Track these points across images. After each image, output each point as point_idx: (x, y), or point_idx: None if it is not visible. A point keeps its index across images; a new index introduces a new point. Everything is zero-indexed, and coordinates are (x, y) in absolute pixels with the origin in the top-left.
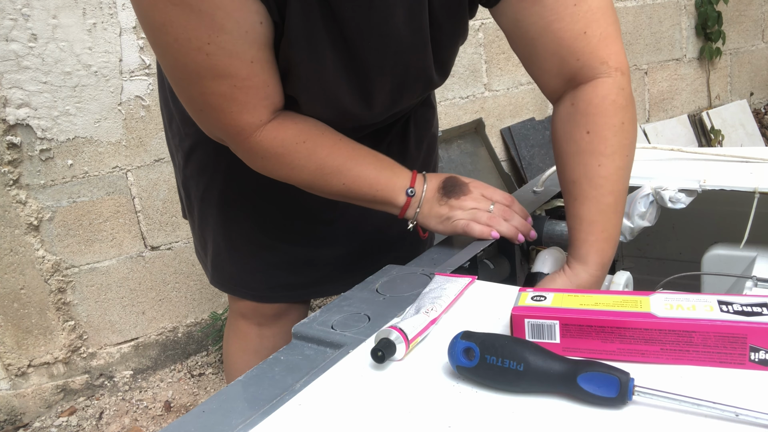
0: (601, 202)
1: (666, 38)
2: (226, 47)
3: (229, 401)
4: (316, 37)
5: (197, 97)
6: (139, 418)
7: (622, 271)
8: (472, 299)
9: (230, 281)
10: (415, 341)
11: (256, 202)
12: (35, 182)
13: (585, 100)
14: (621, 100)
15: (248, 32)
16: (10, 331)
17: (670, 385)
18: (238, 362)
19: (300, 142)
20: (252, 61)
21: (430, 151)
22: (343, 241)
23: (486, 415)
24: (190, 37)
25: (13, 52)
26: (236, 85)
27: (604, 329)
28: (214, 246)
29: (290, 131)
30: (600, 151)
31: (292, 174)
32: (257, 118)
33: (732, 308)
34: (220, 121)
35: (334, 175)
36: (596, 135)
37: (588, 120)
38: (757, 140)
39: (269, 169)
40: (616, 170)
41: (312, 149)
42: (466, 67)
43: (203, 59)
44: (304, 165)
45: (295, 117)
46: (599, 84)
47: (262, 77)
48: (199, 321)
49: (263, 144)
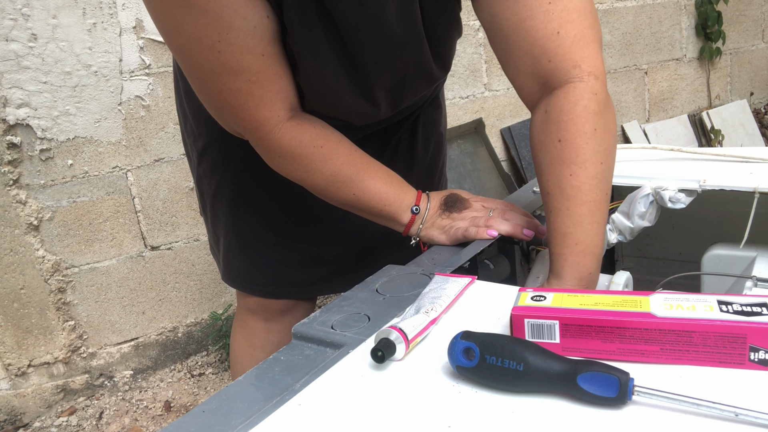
0: (575, 213)
1: (666, 38)
2: (237, 43)
3: (229, 401)
4: (314, 35)
5: (215, 95)
6: (139, 418)
7: (622, 271)
8: (472, 299)
9: (239, 277)
10: (415, 341)
11: (265, 200)
12: (35, 182)
13: (557, 107)
14: (593, 105)
15: (257, 27)
16: (10, 331)
17: (670, 385)
18: (244, 356)
19: (318, 146)
20: (263, 55)
21: (437, 150)
22: (350, 239)
23: (486, 415)
24: (201, 36)
25: (13, 52)
26: (250, 79)
27: (604, 329)
28: (225, 243)
29: (309, 134)
30: (572, 159)
31: (306, 177)
32: (275, 113)
33: (732, 308)
34: (239, 117)
35: (346, 184)
36: (567, 143)
37: (560, 128)
38: (757, 140)
39: (286, 169)
40: (589, 179)
41: (328, 155)
42: (466, 67)
43: (216, 57)
44: (319, 169)
45: (314, 120)
46: (570, 89)
47: (274, 69)
48: (199, 321)
49: (282, 142)
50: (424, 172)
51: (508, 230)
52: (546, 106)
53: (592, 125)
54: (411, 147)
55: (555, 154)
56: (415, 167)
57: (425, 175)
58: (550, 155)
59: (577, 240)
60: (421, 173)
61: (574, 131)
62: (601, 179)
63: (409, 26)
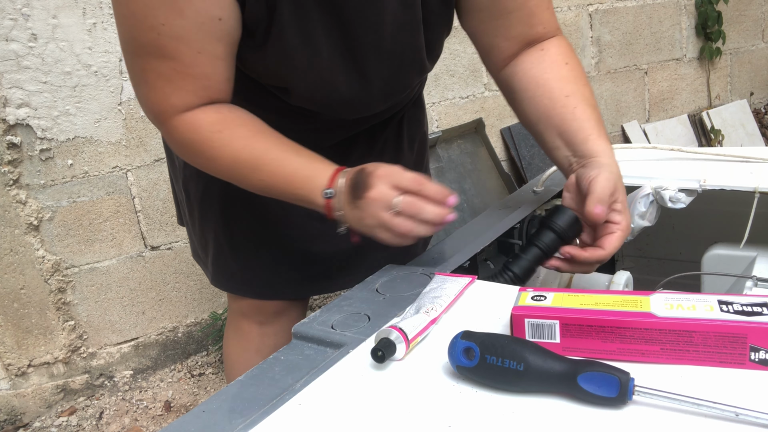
0: (595, 105)
1: (666, 38)
2: (179, 32)
3: (229, 401)
4: (309, 23)
5: (139, 72)
6: (139, 418)
7: (622, 271)
8: (472, 299)
9: (231, 279)
10: (415, 341)
11: (255, 199)
12: (35, 182)
13: (555, 44)
14: (571, 49)
15: (204, 24)
16: (10, 331)
17: (670, 385)
18: (239, 362)
19: (216, 131)
20: (199, 52)
21: (421, 150)
22: (342, 237)
23: (486, 415)
24: (147, 14)
25: (13, 52)
26: (177, 69)
27: (604, 329)
28: (215, 245)
29: (209, 119)
30: (580, 77)
31: (208, 165)
32: (185, 104)
33: (732, 308)
34: (150, 98)
35: (251, 169)
36: (574, 66)
37: (564, 56)
38: (757, 140)
39: (187, 157)
40: (592, 90)
41: (227, 140)
42: (466, 67)
43: (154, 38)
44: (217, 156)
45: (225, 107)
46: (556, 39)
47: (204, 70)
48: (199, 321)
49: (179, 128)
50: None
51: (415, 239)
52: (539, 48)
53: (577, 59)
54: (397, 146)
55: (567, 73)
56: (402, 165)
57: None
58: (563, 75)
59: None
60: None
61: (574, 60)
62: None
63: (408, 6)
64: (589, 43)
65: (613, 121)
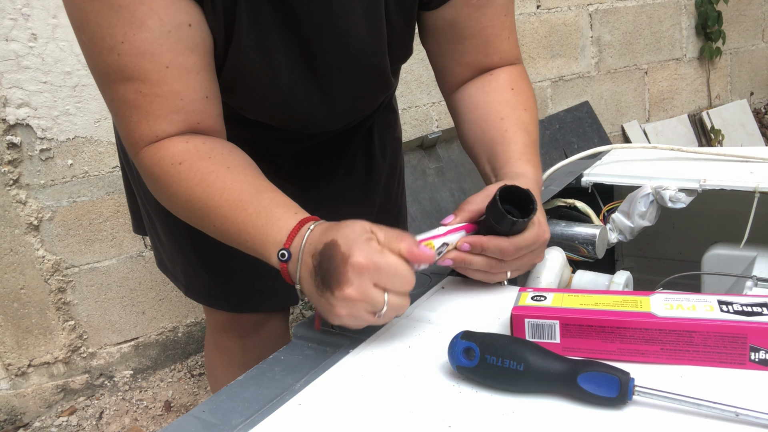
0: (532, 131)
1: (666, 38)
2: (141, 47)
3: (229, 401)
4: (267, 42)
5: (109, 103)
6: (139, 417)
7: (622, 271)
8: (472, 299)
9: (204, 292)
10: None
11: None
12: (35, 182)
13: (506, 70)
14: (524, 76)
15: (171, 32)
16: (10, 331)
17: (670, 385)
18: (223, 378)
19: (176, 163)
20: (167, 66)
21: (395, 156)
22: None
23: (486, 415)
24: (105, 35)
25: (13, 52)
26: (141, 91)
27: (604, 329)
28: (183, 258)
29: (173, 149)
30: (522, 102)
31: (169, 204)
32: (154, 132)
33: (732, 308)
34: (121, 130)
35: (203, 211)
36: (520, 91)
37: (511, 82)
38: (757, 140)
39: (155, 194)
40: (534, 117)
41: (185, 174)
42: None
43: (114, 60)
44: (174, 193)
45: (198, 138)
46: (510, 67)
47: (174, 87)
48: (199, 321)
49: (144, 161)
50: (385, 179)
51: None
52: (489, 75)
53: (528, 86)
54: (369, 154)
55: (509, 98)
56: (375, 174)
57: (386, 182)
58: (504, 99)
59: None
60: (381, 180)
61: (522, 86)
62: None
63: (375, 30)
64: (589, 43)
65: (613, 121)
